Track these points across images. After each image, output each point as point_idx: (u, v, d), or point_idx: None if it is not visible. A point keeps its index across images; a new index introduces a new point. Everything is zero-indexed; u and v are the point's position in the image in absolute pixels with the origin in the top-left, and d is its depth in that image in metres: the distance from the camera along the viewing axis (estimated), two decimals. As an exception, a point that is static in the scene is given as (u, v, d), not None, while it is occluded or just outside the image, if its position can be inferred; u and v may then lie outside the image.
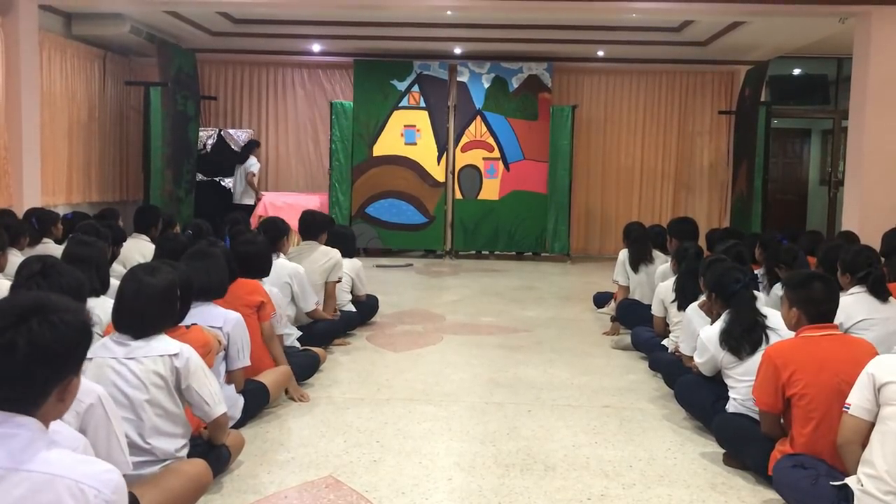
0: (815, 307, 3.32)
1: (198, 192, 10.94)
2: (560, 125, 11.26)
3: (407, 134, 11.26)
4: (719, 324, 3.94)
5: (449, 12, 8.73)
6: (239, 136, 11.41)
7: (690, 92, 11.93)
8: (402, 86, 11.25)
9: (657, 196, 12.00)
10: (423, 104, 11.25)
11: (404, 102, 11.25)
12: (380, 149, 11.25)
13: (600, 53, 11.22)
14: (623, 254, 6.71)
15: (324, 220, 6.43)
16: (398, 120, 11.25)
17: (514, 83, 11.22)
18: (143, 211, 7.05)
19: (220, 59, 11.77)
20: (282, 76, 12.01)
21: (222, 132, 11.43)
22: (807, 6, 7.57)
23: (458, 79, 11.25)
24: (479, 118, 11.25)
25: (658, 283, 5.71)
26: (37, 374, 1.73)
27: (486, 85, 11.23)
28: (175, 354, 3.00)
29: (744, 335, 3.80)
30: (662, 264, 6.25)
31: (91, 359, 3.01)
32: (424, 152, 11.25)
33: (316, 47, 11.33)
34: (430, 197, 11.29)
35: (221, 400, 3.19)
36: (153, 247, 5.82)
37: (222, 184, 11.33)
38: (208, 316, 3.84)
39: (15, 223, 5.54)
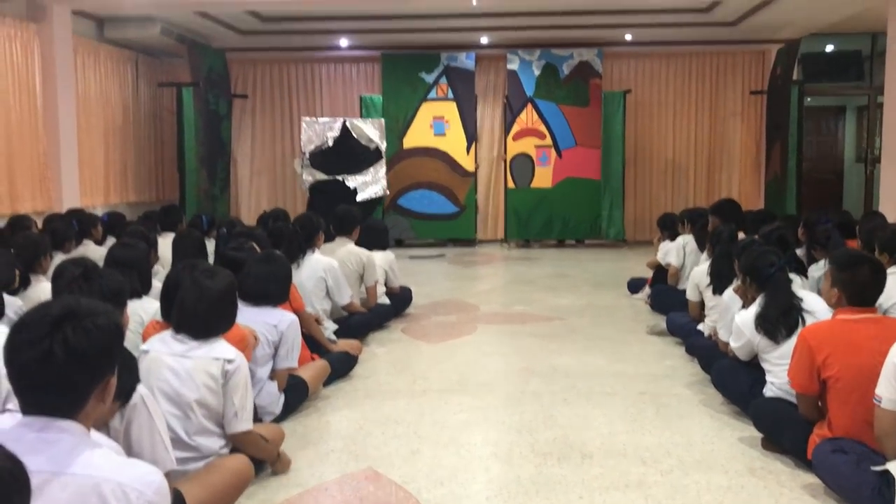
0: (857, 291, 3.28)
1: (317, 192, 10.01)
2: (613, 110, 11.20)
3: (436, 125, 11.28)
4: (754, 308, 3.90)
5: (474, 2, 8.70)
6: (366, 127, 10.41)
7: (721, 73, 11.78)
8: (429, 78, 11.28)
9: (690, 178, 11.89)
10: (451, 95, 11.26)
11: (432, 94, 11.27)
12: (410, 141, 11.30)
13: (628, 37, 11.11)
14: (682, 239, 6.63)
15: (357, 216, 6.45)
16: (427, 112, 11.28)
17: (565, 70, 11.14)
18: (168, 210, 7.27)
19: (250, 58, 11.86)
20: (311, 72, 12.07)
21: (347, 123, 10.31)
22: (838, -19, 7.43)
23: (509, 66, 11.20)
24: (530, 106, 11.20)
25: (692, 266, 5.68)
26: (76, 378, 1.76)
27: (537, 72, 11.16)
28: (230, 360, 3.07)
29: (780, 319, 3.76)
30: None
31: (147, 351, 3.09)
32: (453, 143, 11.28)
33: (343, 42, 11.38)
34: (460, 187, 11.31)
35: (250, 419, 3.17)
36: None
37: (346, 183, 10.13)
38: (266, 315, 3.93)
39: (62, 227, 5.66)
